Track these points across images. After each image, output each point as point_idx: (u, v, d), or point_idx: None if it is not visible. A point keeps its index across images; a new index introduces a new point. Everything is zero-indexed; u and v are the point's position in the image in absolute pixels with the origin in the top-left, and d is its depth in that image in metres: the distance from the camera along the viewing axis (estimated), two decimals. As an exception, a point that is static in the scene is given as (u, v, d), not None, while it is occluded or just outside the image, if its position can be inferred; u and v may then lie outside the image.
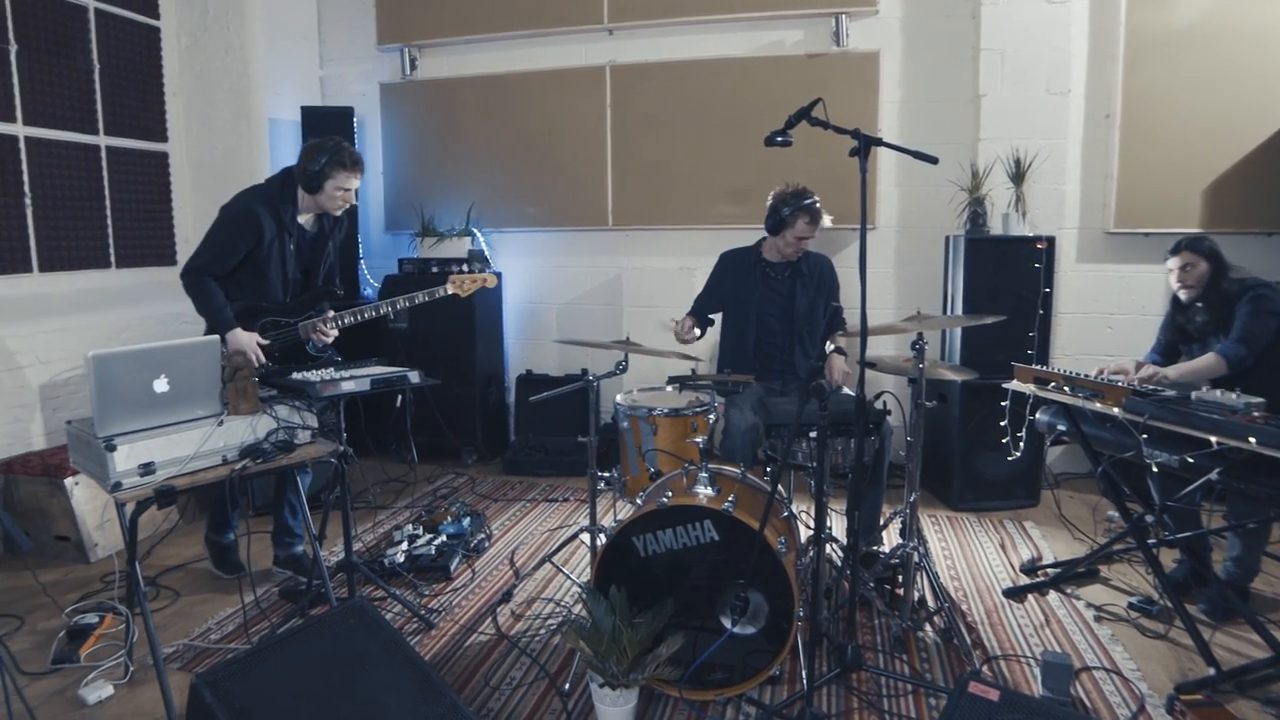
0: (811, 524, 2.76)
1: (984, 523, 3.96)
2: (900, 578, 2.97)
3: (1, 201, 3.93)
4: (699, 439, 2.74)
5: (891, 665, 2.66)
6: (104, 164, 4.46)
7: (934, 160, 2.43)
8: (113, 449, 2.27)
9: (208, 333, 3.11)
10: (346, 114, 5.15)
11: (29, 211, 4.06)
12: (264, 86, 4.93)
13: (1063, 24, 4.28)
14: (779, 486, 2.61)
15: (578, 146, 5.01)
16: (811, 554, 2.68)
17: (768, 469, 3.05)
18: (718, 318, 3.78)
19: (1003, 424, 3.81)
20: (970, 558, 3.54)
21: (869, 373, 2.55)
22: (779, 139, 2.67)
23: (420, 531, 3.60)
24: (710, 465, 2.66)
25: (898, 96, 4.64)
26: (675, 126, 4.85)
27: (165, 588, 3.34)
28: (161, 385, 2.39)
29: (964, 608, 3.06)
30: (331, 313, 3.25)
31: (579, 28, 4.95)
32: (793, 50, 4.72)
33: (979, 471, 4.13)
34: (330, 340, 3.25)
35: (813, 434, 2.78)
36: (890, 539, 3.54)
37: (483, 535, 3.69)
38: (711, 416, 3.06)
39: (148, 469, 2.33)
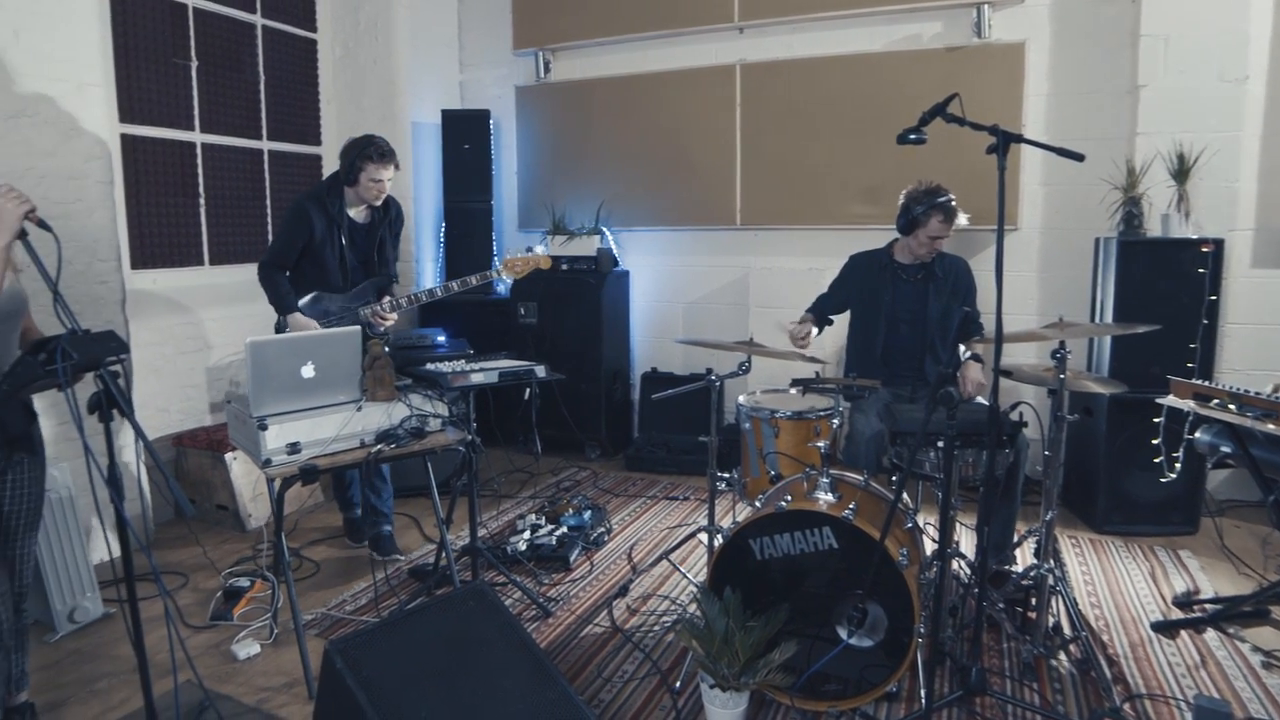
0: (937, 537, 2.64)
1: (1131, 548, 3.68)
2: (1033, 600, 2.80)
3: (180, 202, 4.33)
4: (821, 443, 2.68)
5: (1019, 693, 2.51)
6: (266, 166, 4.83)
7: (1079, 157, 2.29)
8: (264, 428, 2.46)
9: (277, 322, 3.44)
10: (483, 116, 5.35)
11: (202, 210, 4.45)
12: (407, 92, 5.20)
13: (1239, 2, 3.90)
14: (903, 496, 2.52)
15: (707, 146, 5.01)
16: (936, 568, 2.57)
17: (893, 478, 2.95)
18: (838, 319, 3.69)
19: (1156, 442, 3.54)
20: (1114, 585, 3.29)
21: (1005, 382, 2.43)
22: (911, 137, 2.58)
23: (542, 522, 3.70)
24: (832, 471, 2.60)
25: (1045, 89, 4.38)
26: (806, 125, 4.77)
27: (308, 559, 3.58)
28: (309, 371, 2.56)
29: (1104, 638, 2.85)
30: (389, 298, 3.45)
31: (710, 27, 4.94)
32: (930, 44, 4.54)
33: (1127, 492, 3.83)
34: (390, 323, 3.46)
35: (940, 443, 2.67)
36: (1024, 559, 3.34)
37: (603, 529, 3.75)
38: (835, 421, 2.99)
39: (294, 448, 2.51)
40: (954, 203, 3.30)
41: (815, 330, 3.54)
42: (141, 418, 2.47)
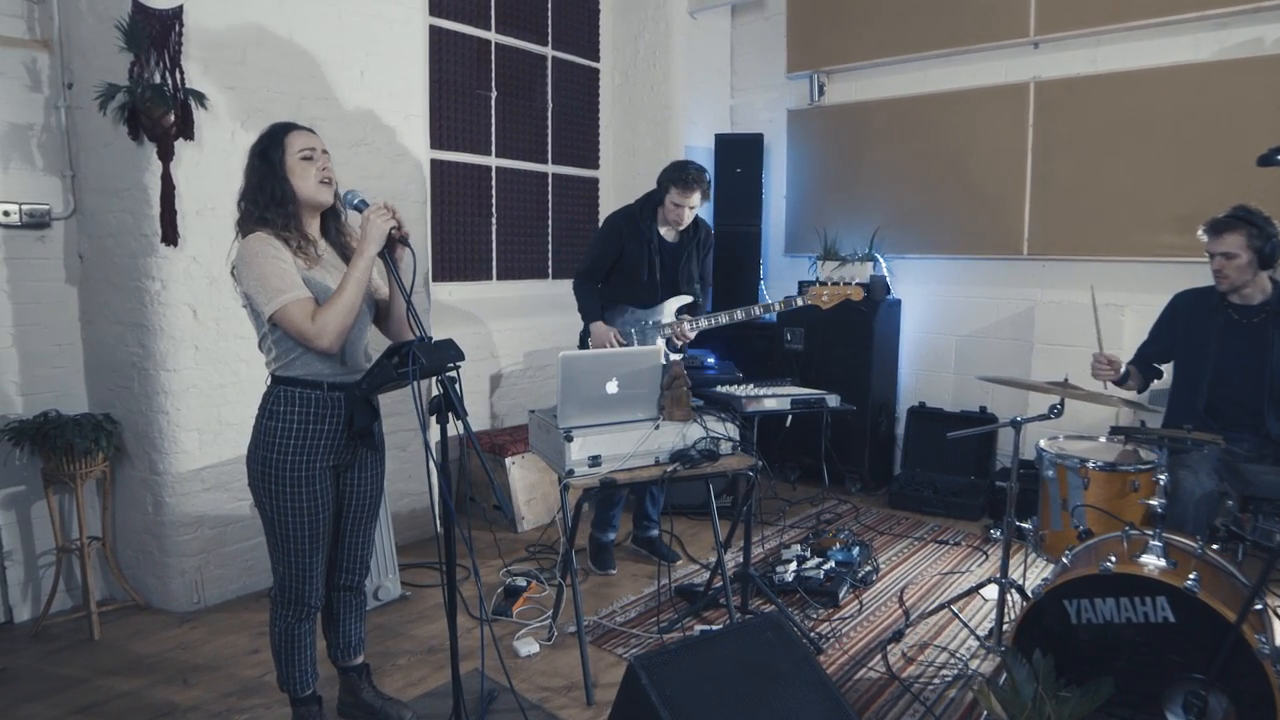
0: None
1: None
2: None
3: (475, 221, 4.73)
4: (1155, 500, 2.39)
5: None
6: (549, 189, 5.16)
7: None
8: (570, 439, 2.57)
9: (583, 330, 3.61)
10: (757, 140, 5.37)
11: (494, 229, 4.83)
12: (681, 117, 5.34)
13: None
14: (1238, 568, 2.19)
15: (992, 170, 4.70)
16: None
17: (1213, 545, 2.57)
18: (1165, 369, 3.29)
19: None
20: None
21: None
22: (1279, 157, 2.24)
23: (808, 554, 3.61)
24: (1163, 533, 2.31)
25: None
26: (1109, 145, 4.33)
27: (578, 567, 3.72)
28: (612, 387, 2.66)
29: None
30: (688, 317, 3.54)
31: (1000, 43, 4.63)
32: (1274, 49, 3.96)
33: None
34: (690, 339, 3.55)
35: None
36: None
37: (870, 567, 3.59)
38: (1161, 477, 2.66)
39: (595, 461, 2.61)
40: None
41: (1122, 371, 3.19)
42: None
